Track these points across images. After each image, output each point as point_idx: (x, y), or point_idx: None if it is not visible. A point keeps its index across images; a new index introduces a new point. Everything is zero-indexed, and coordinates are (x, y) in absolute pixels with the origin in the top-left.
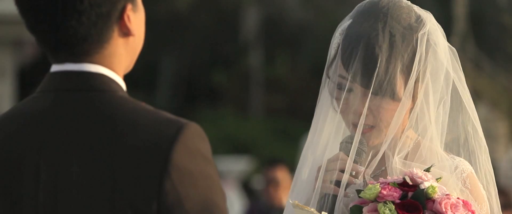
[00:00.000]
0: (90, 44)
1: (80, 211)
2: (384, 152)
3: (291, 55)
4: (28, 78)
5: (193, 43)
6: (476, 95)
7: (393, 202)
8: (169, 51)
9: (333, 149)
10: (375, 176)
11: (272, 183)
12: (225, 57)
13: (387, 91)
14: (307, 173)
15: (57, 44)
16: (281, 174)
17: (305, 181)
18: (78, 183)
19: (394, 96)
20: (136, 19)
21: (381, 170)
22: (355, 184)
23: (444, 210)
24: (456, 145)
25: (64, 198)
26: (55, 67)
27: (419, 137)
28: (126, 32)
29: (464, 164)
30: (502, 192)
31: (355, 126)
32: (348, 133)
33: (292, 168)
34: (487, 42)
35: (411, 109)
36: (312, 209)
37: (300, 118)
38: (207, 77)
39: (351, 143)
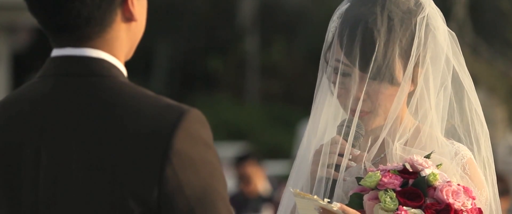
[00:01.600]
0: (92, 28)
1: (80, 197)
2: (384, 139)
3: (287, 41)
4: (23, 64)
5: (189, 29)
6: (474, 81)
7: (394, 190)
8: (165, 37)
9: (332, 134)
10: (375, 163)
11: (243, 179)
12: (221, 43)
13: (386, 76)
14: (308, 158)
15: (59, 27)
16: (250, 169)
17: (304, 166)
18: (78, 168)
19: (392, 81)
20: (139, 4)
21: (380, 157)
22: (351, 167)
23: (445, 197)
24: (456, 130)
25: (64, 183)
26: (55, 52)
27: (419, 123)
28: (129, 17)
29: (463, 149)
30: (499, 178)
31: (353, 111)
32: (345, 117)
33: (288, 154)
34: (485, 28)
35: (411, 94)
36: (314, 196)
37: (296, 103)
38: (203, 63)
39: (348, 126)
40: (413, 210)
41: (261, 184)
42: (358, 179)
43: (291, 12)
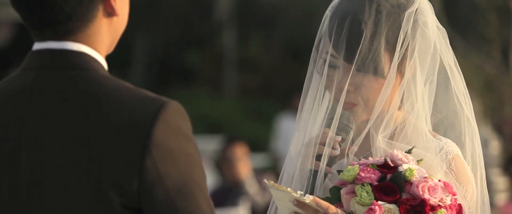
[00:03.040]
0: (74, 23)
1: (61, 188)
2: (370, 133)
3: (265, 35)
4: (5, 58)
5: (167, 23)
6: None
7: (371, 184)
8: (143, 31)
9: (321, 126)
10: (361, 159)
11: (231, 160)
12: (199, 37)
13: (371, 68)
14: (299, 152)
15: (41, 22)
16: (239, 151)
17: (294, 160)
18: (59, 160)
19: (377, 74)
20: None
21: (368, 153)
22: (341, 160)
23: (421, 193)
24: (443, 125)
25: (46, 176)
26: (37, 45)
27: (407, 116)
28: (110, 12)
29: (450, 145)
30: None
31: (338, 102)
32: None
33: (266, 147)
34: (460, 21)
35: (399, 87)
36: (288, 189)
37: (273, 97)
38: (180, 57)
39: (338, 119)
40: (387, 205)
41: (246, 172)
42: (339, 172)
43: (269, 6)
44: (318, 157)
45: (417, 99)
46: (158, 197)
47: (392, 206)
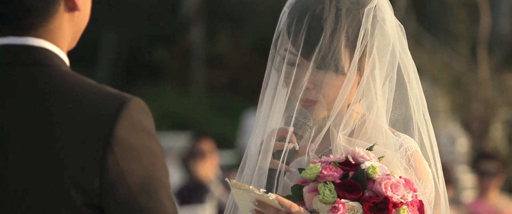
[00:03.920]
0: (35, 18)
1: (23, 187)
2: (330, 130)
3: (233, 31)
4: None
5: (134, 19)
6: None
7: (334, 182)
8: (110, 27)
9: (279, 124)
10: (322, 156)
11: (198, 155)
12: (166, 33)
13: (331, 66)
14: (256, 150)
15: (1, 17)
16: (206, 146)
17: (252, 158)
18: (21, 157)
19: (338, 71)
20: None
21: (329, 149)
22: (300, 158)
23: (383, 190)
24: (401, 122)
25: (7, 173)
26: None
27: (366, 113)
28: (72, 7)
29: (409, 141)
30: (442, 167)
31: (296, 99)
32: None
33: (233, 144)
34: (428, 18)
35: (358, 84)
36: (250, 187)
37: (241, 94)
38: (148, 53)
39: (296, 117)
40: (351, 203)
41: (213, 169)
42: (300, 170)
43: (237, 2)
44: (276, 154)
45: (376, 97)
46: (120, 194)
47: (356, 204)
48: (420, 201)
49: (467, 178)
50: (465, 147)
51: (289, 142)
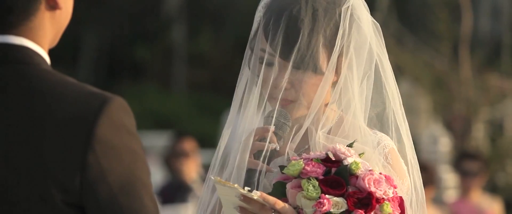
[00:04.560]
0: (16, 16)
1: (5, 186)
2: (308, 128)
3: (215, 30)
4: None
5: (115, 17)
6: (399, 71)
7: (317, 178)
8: (91, 26)
9: (257, 125)
10: (299, 154)
11: (181, 155)
12: (147, 32)
13: (309, 65)
14: (234, 149)
15: None
16: (188, 145)
17: (230, 158)
18: (1, 156)
19: (316, 70)
20: None
21: (305, 148)
22: (278, 158)
23: (367, 186)
24: (379, 120)
25: None
26: None
27: (342, 112)
28: (53, 5)
29: (386, 139)
30: (423, 167)
31: (276, 100)
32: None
33: (215, 143)
34: (410, 18)
35: (335, 83)
36: (235, 185)
37: (222, 93)
38: (129, 52)
39: (275, 117)
40: (335, 198)
41: (195, 167)
42: (281, 167)
43: (218, 1)
44: (256, 154)
45: (354, 95)
46: (101, 194)
47: (340, 199)
48: (400, 197)
49: (449, 178)
50: (447, 147)
51: (270, 142)
